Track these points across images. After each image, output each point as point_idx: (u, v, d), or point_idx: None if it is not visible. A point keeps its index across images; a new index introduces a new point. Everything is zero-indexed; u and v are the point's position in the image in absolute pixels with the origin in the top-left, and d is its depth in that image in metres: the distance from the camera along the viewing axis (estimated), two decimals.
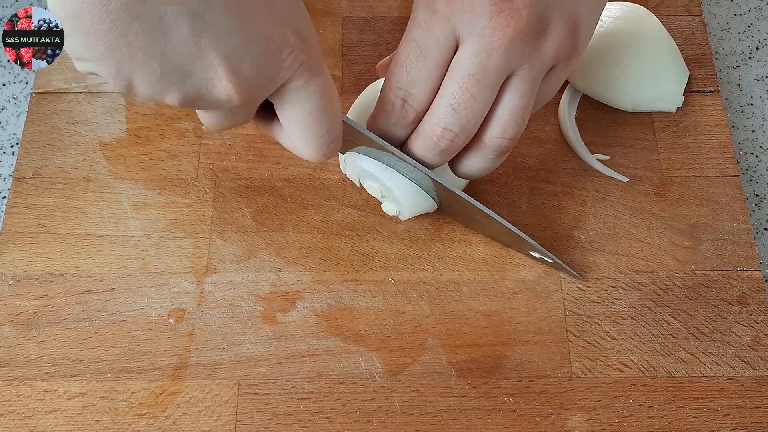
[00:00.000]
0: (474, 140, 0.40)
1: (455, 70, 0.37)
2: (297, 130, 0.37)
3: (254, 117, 0.38)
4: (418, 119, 0.39)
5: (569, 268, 0.46)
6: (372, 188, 0.46)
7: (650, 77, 0.51)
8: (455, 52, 0.37)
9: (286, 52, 0.33)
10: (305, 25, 0.35)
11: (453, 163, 0.42)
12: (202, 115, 0.37)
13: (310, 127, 0.37)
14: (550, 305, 0.46)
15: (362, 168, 0.44)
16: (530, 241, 0.44)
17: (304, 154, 0.38)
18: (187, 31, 0.31)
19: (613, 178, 0.50)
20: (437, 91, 0.38)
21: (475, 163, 0.41)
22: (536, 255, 0.45)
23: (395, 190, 0.43)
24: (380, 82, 0.47)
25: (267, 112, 0.38)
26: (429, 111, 0.38)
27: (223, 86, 0.33)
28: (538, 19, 0.36)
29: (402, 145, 0.41)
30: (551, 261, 0.45)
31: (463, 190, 0.45)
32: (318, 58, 0.36)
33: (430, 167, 0.41)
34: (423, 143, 0.39)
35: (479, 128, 0.39)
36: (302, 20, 0.35)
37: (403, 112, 0.39)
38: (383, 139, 0.40)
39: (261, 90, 0.34)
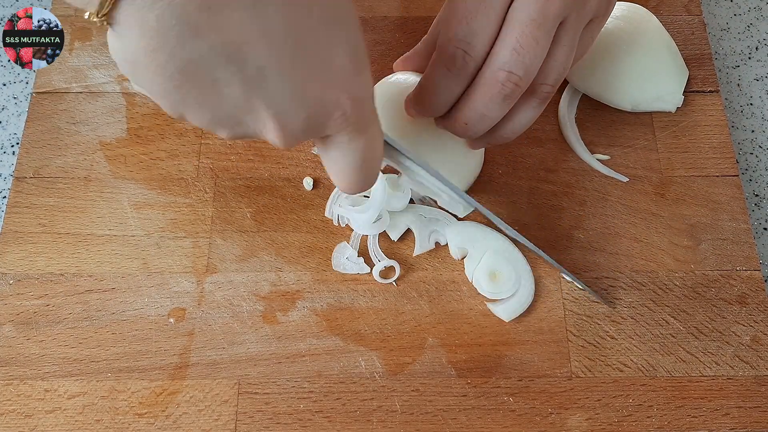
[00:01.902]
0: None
1: (515, 18, 0.38)
2: (334, 171, 0.38)
3: None
4: (477, 71, 0.39)
5: (598, 297, 0.46)
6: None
7: (650, 77, 0.51)
8: (512, 1, 0.38)
9: (337, 114, 0.34)
10: (363, 86, 0.34)
11: (503, 119, 0.42)
12: None
13: (346, 174, 0.37)
14: (550, 305, 0.46)
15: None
16: (562, 269, 0.45)
17: (336, 185, 0.39)
18: (240, 93, 0.31)
19: (612, 177, 0.50)
20: (494, 42, 0.39)
21: (523, 114, 0.42)
22: (568, 278, 0.46)
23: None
24: (388, 79, 0.47)
25: None
26: (489, 58, 0.39)
27: (270, 136, 0.34)
28: None
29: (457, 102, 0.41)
30: (581, 287, 0.46)
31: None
32: (368, 118, 0.35)
33: (490, 121, 0.41)
34: (486, 91, 0.39)
35: None
36: (361, 81, 0.34)
37: (463, 64, 0.39)
38: (440, 96, 0.40)
39: (306, 138, 0.35)
